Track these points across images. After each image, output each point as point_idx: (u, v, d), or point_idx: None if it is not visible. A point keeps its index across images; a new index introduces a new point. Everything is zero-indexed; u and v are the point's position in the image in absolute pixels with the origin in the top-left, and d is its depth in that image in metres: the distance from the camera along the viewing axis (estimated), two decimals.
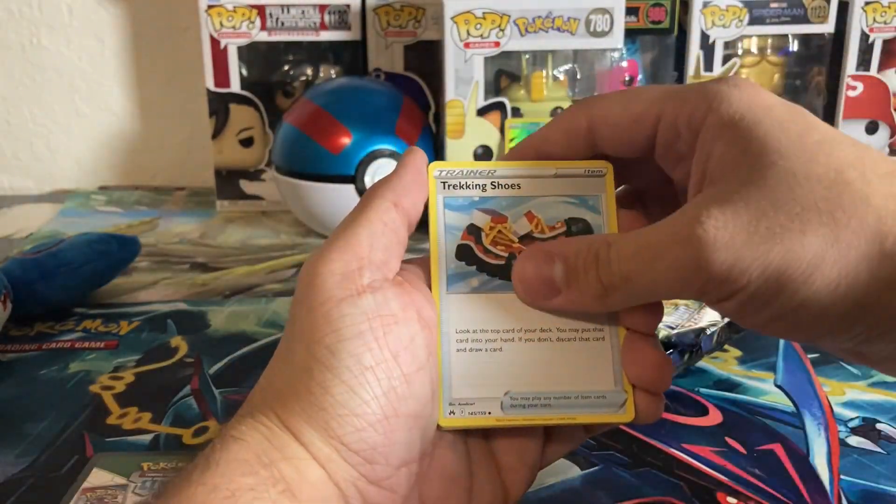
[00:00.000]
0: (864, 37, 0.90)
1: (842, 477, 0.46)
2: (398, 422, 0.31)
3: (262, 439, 0.30)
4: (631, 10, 0.87)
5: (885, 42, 0.90)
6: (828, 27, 0.91)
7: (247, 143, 0.93)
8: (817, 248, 0.26)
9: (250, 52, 0.91)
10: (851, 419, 0.52)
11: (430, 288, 0.34)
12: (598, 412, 0.34)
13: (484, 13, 0.84)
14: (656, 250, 0.28)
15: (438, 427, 0.33)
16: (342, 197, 0.78)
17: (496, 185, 0.35)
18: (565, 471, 0.46)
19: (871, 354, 0.29)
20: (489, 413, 0.33)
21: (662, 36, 0.91)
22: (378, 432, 0.30)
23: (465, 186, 0.35)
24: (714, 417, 0.52)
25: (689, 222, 0.27)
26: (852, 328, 0.27)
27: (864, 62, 0.91)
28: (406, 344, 0.31)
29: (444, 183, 0.35)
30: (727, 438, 0.50)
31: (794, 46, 0.94)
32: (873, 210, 0.26)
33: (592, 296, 0.31)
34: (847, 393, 0.54)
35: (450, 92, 0.85)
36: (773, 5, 0.90)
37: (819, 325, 0.27)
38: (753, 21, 0.90)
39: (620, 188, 0.37)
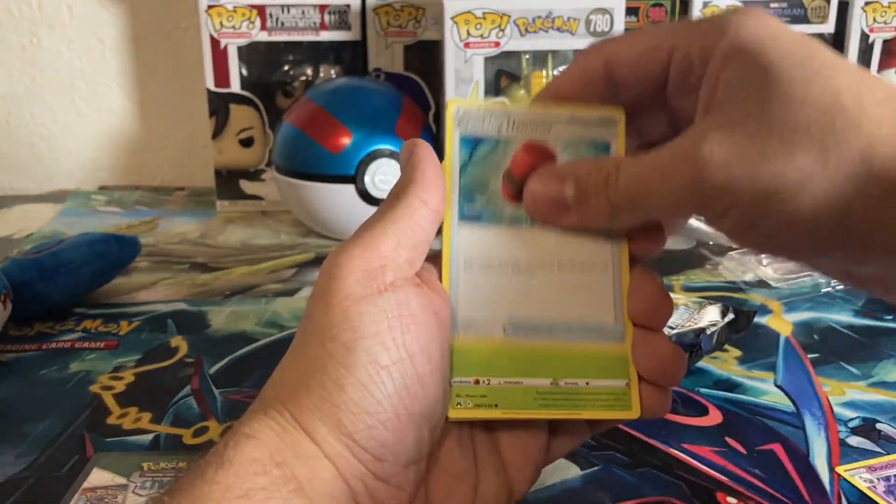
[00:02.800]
0: (864, 37, 0.90)
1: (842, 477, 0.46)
2: (409, 420, 0.31)
3: (275, 437, 0.30)
4: (631, 10, 0.88)
5: (885, 42, 0.90)
6: (828, 27, 0.91)
7: (247, 143, 0.93)
8: (805, 168, 0.27)
9: (250, 52, 0.91)
10: (851, 419, 0.52)
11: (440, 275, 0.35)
12: (604, 408, 0.34)
13: (484, 13, 0.84)
14: (660, 171, 0.30)
15: (447, 420, 0.33)
16: (342, 197, 0.78)
17: (512, 125, 0.36)
18: (565, 471, 0.46)
19: (859, 275, 0.31)
20: (495, 406, 0.33)
21: None
22: (389, 430, 0.30)
23: (481, 126, 0.36)
24: (714, 417, 0.52)
25: (691, 144, 0.29)
26: (839, 246, 0.28)
27: (864, 62, 0.91)
28: (423, 344, 0.31)
29: (461, 120, 0.36)
30: (727, 438, 0.50)
31: None
32: (864, 134, 0.27)
33: (601, 215, 0.32)
34: (847, 393, 0.54)
35: (450, 92, 0.85)
36: (773, 5, 0.90)
37: (808, 242, 0.28)
38: None
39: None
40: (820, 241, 0.28)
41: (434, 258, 0.35)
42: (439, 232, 0.35)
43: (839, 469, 0.47)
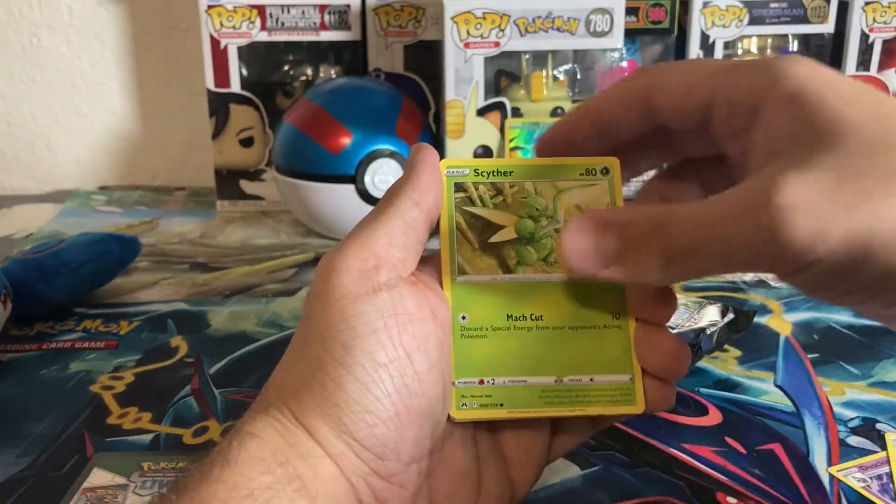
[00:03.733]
0: (864, 37, 0.90)
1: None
2: (409, 419, 0.31)
3: (278, 436, 0.30)
4: (631, 10, 0.87)
5: (885, 42, 0.90)
6: (828, 27, 0.91)
7: (247, 143, 0.93)
8: None
9: (250, 52, 0.91)
10: (851, 419, 0.52)
11: (441, 281, 0.35)
12: (609, 404, 0.34)
13: (484, 13, 0.84)
14: (727, 218, 0.26)
15: (449, 419, 0.33)
16: (342, 197, 0.78)
17: (506, 182, 0.36)
18: (565, 471, 0.46)
19: None
20: (501, 405, 0.34)
21: (662, 36, 0.91)
22: (389, 429, 0.30)
23: (474, 182, 0.36)
24: (714, 417, 0.52)
25: (765, 188, 0.25)
26: None
27: (864, 62, 0.91)
28: (420, 342, 0.32)
29: (454, 178, 0.36)
30: (727, 438, 0.50)
31: (794, 46, 0.94)
32: None
33: (652, 267, 0.29)
34: (847, 393, 0.54)
35: (450, 92, 0.85)
36: (773, 5, 0.90)
37: None
38: (753, 21, 0.90)
39: (672, 163, 0.36)
40: None
41: (430, 258, 0.35)
42: (435, 233, 0.35)
43: (831, 470, 0.47)
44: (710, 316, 0.58)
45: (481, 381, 0.34)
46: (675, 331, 0.55)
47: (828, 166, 0.25)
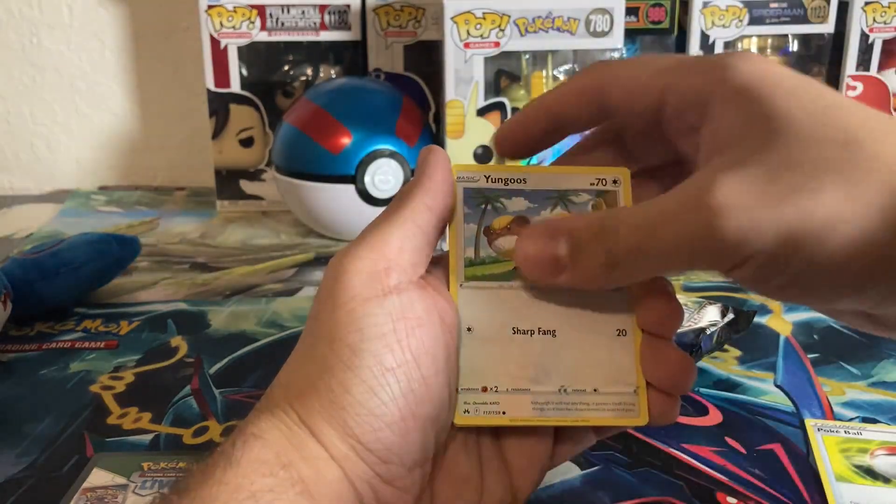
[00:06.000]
0: (864, 37, 0.90)
1: None
2: (415, 423, 0.31)
3: (282, 438, 0.30)
4: (631, 10, 0.87)
5: (885, 42, 0.90)
6: (828, 27, 0.91)
7: (247, 143, 0.93)
8: (832, 205, 0.25)
9: (250, 52, 0.91)
10: (851, 419, 0.52)
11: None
12: (612, 415, 0.34)
13: (484, 13, 0.84)
14: (665, 218, 0.27)
15: (453, 425, 0.33)
16: (342, 197, 0.78)
17: (514, 188, 0.36)
18: (565, 471, 0.46)
19: (885, 318, 0.29)
20: (503, 413, 0.33)
21: (662, 36, 0.91)
22: (394, 433, 0.30)
23: (484, 189, 0.36)
24: (714, 417, 0.52)
25: (700, 189, 0.27)
26: (867, 288, 0.26)
27: (863, 62, 0.91)
28: (428, 347, 0.32)
29: (464, 183, 0.36)
30: (727, 438, 0.50)
31: (794, 46, 0.94)
32: (886, 166, 0.25)
33: (599, 270, 0.30)
34: (847, 393, 0.55)
35: (450, 92, 0.85)
36: (773, 5, 0.90)
37: (834, 286, 0.27)
38: (753, 21, 0.90)
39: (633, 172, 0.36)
40: (846, 282, 0.26)
41: (440, 260, 0.35)
42: (443, 235, 0.35)
43: None
44: (710, 316, 0.58)
45: (484, 389, 0.34)
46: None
47: (761, 163, 0.26)
